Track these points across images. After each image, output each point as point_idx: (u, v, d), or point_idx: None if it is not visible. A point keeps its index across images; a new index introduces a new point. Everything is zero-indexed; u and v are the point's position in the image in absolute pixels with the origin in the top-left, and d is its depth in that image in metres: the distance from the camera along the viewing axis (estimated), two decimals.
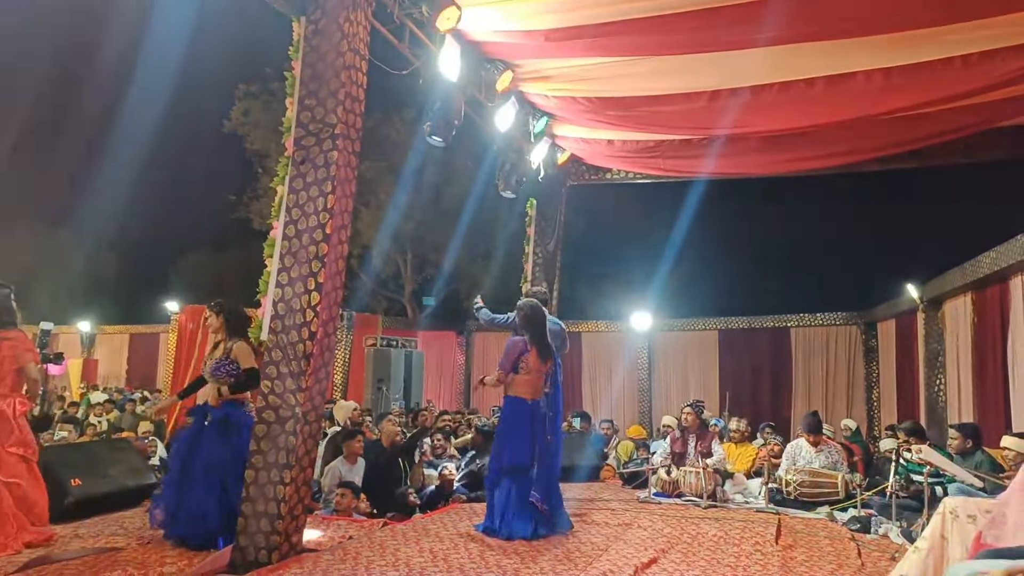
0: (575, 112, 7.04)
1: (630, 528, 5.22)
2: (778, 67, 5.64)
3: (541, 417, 5.06)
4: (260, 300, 4.45)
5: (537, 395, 5.07)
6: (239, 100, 17.64)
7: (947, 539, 3.13)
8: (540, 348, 5.10)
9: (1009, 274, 8.10)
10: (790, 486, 6.44)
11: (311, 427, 4.29)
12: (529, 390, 5.04)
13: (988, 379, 8.61)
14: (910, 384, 11.03)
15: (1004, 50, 4.87)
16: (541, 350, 5.10)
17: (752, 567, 4.17)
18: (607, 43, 5.43)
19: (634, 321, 13.97)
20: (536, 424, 5.01)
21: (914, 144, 7.11)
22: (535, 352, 5.07)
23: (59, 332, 16.45)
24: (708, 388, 13.61)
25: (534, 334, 5.12)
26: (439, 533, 4.88)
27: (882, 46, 5.09)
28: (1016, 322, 7.94)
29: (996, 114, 6.15)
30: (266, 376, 4.24)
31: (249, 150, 17.71)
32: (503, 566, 4.06)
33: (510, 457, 4.95)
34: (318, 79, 4.43)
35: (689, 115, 6.55)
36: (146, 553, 4.30)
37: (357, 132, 4.56)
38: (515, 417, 5.02)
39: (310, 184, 4.36)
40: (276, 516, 4.05)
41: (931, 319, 10.17)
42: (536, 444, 4.97)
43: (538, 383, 5.10)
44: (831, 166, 8.06)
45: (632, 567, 4.01)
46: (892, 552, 4.55)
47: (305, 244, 4.31)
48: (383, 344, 12.90)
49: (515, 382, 5.05)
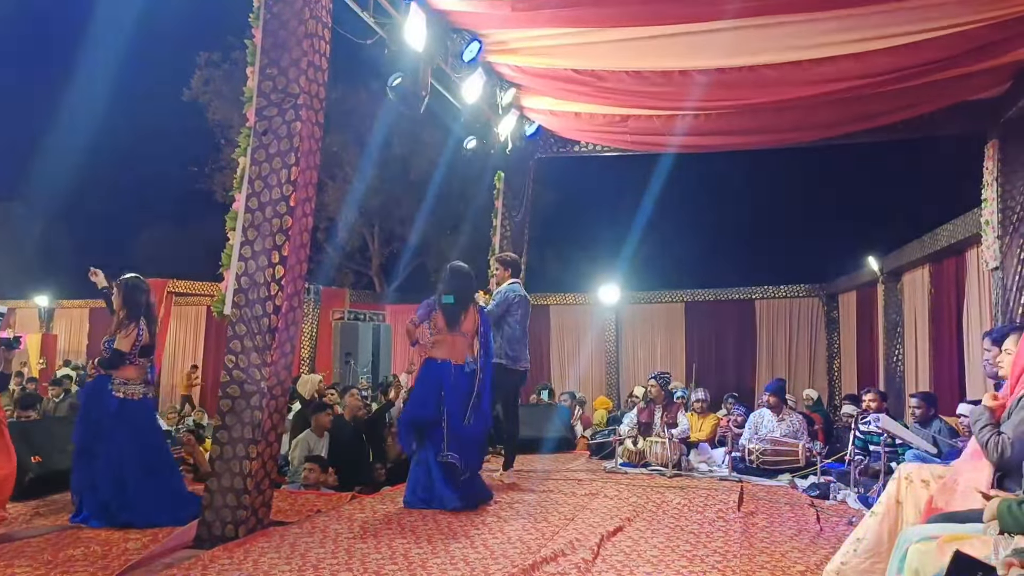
0: (542, 84, 7.00)
1: (596, 497, 5.30)
2: (745, 47, 5.66)
3: (453, 376, 4.91)
4: (223, 274, 4.37)
5: (453, 357, 4.96)
6: (200, 69, 17.17)
7: (902, 504, 3.22)
8: (445, 311, 5.00)
9: (965, 247, 8.31)
10: (753, 455, 6.59)
11: (277, 401, 4.26)
12: (442, 351, 4.98)
13: (944, 348, 8.86)
14: (870, 354, 11.31)
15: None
16: (446, 313, 4.99)
17: (715, 533, 4.26)
18: (573, 13, 5.38)
19: (602, 294, 14.06)
20: (445, 381, 4.89)
21: (875, 120, 7.22)
22: (440, 314, 5.01)
23: (16, 307, 16.04)
24: (675, 360, 13.80)
25: (440, 295, 5.05)
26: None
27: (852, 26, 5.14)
28: (971, 293, 8.16)
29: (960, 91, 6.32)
30: (230, 351, 4.19)
31: (211, 120, 17.30)
32: (471, 536, 4.10)
33: (410, 410, 5.01)
34: (280, 47, 4.32)
35: (655, 91, 6.56)
36: (109, 530, 4.27)
37: (321, 102, 4.47)
38: (424, 377, 4.99)
39: (273, 155, 4.28)
40: (243, 491, 4.03)
41: (891, 291, 10.40)
42: (444, 402, 4.85)
43: (455, 345, 4.99)
44: (794, 141, 8.20)
45: (598, 535, 4.07)
46: (849, 517, 4.68)
47: (268, 217, 4.24)
48: (351, 318, 12.82)
49: (432, 345, 5.03)
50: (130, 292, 4.82)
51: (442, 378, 4.91)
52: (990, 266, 6.91)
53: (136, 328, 4.72)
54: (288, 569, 3.45)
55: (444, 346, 4.99)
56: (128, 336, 4.68)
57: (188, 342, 15.31)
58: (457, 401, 4.89)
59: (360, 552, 3.74)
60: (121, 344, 4.66)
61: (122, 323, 4.74)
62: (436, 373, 4.94)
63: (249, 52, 4.48)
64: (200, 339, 15.18)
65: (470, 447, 4.96)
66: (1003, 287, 6.66)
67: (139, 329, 4.73)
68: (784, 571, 3.56)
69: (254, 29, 4.44)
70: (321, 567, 3.48)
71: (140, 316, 4.78)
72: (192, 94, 17.23)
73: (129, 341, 4.67)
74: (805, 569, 3.58)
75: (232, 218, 4.38)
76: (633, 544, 4.00)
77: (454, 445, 4.81)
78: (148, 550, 3.79)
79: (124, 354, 4.65)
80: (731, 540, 4.12)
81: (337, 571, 3.43)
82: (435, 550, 3.81)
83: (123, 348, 4.65)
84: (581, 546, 3.86)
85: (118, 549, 3.86)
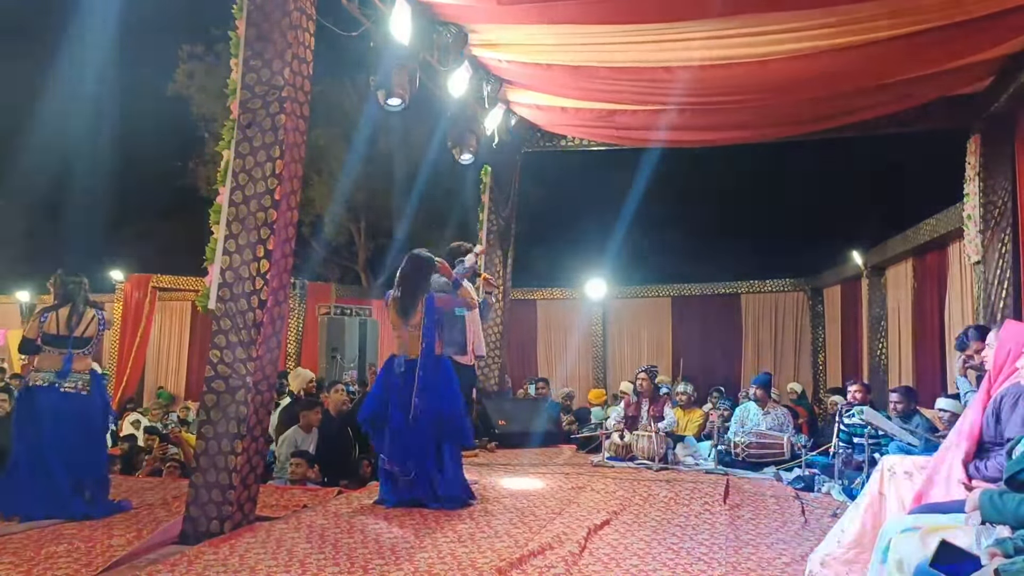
0: (528, 79, 6.99)
1: (583, 491, 5.31)
2: (730, 44, 5.67)
3: (398, 373, 4.70)
4: (207, 268, 4.35)
5: (406, 351, 4.76)
6: (183, 62, 17.02)
7: (885, 495, 3.25)
8: (399, 301, 4.83)
9: (947, 241, 8.38)
10: (738, 448, 6.63)
11: (263, 396, 4.23)
12: (396, 345, 4.89)
13: (926, 343, 8.94)
14: (854, 348, 11.39)
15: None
16: (399, 303, 4.82)
17: (701, 526, 4.29)
18: (558, 8, 5.37)
19: (589, 288, 14.07)
20: (391, 380, 4.73)
21: (859, 115, 7.27)
22: (392, 304, 4.86)
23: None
24: (662, 354, 13.83)
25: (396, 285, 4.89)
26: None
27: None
28: (953, 287, 8.23)
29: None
30: (215, 345, 4.16)
31: (195, 114, 17.15)
32: (458, 530, 4.10)
33: (361, 409, 4.96)
34: (263, 39, 4.29)
35: (641, 87, 6.56)
36: (92, 526, 4.24)
37: (305, 95, 4.45)
38: (379, 372, 4.94)
39: (257, 148, 4.24)
40: (228, 486, 4.01)
41: (875, 285, 10.47)
42: (389, 402, 4.69)
43: (405, 338, 4.78)
44: (779, 137, 8.28)
45: (585, 528, 4.09)
46: (834, 509, 4.72)
47: (253, 211, 4.21)
48: (337, 312, 12.75)
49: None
50: (60, 285, 4.87)
51: (387, 376, 4.80)
52: (972, 260, 6.98)
53: (41, 317, 4.75)
54: (274, 564, 3.43)
55: (397, 341, 4.91)
56: (33, 328, 4.74)
57: (173, 337, 15.18)
58: (399, 399, 4.66)
59: (347, 546, 3.73)
60: (29, 333, 4.75)
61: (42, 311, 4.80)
62: (383, 371, 4.89)
63: (232, 44, 4.45)
64: (185, 334, 15.05)
65: (412, 450, 4.65)
66: (985, 281, 6.73)
67: (42, 318, 4.73)
68: (769, 563, 3.59)
69: (237, 21, 4.41)
70: (307, 562, 3.47)
71: (58, 306, 4.79)
72: (175, 88, 17.07)
73: (33, 328, 4.74)
74: (790, 560, 3.61)
75: (216, 212, 4.35)
76: (620, 537, 4.01)
77: (396, 448, 4.64)
78: (132, 546, 3.76)
79: (29, 340, 4.71)
80: (717, 532, 4.14)
81: (324, 566, 3.42)
82: (422, 544, 3.80)
83: (32, 336, 4.72)
84: (568, 539, 3.86)
85: (102, 545, 3.83)
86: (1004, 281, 6.46)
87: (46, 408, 4.59)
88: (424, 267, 4.93)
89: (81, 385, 4.71)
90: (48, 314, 4.73)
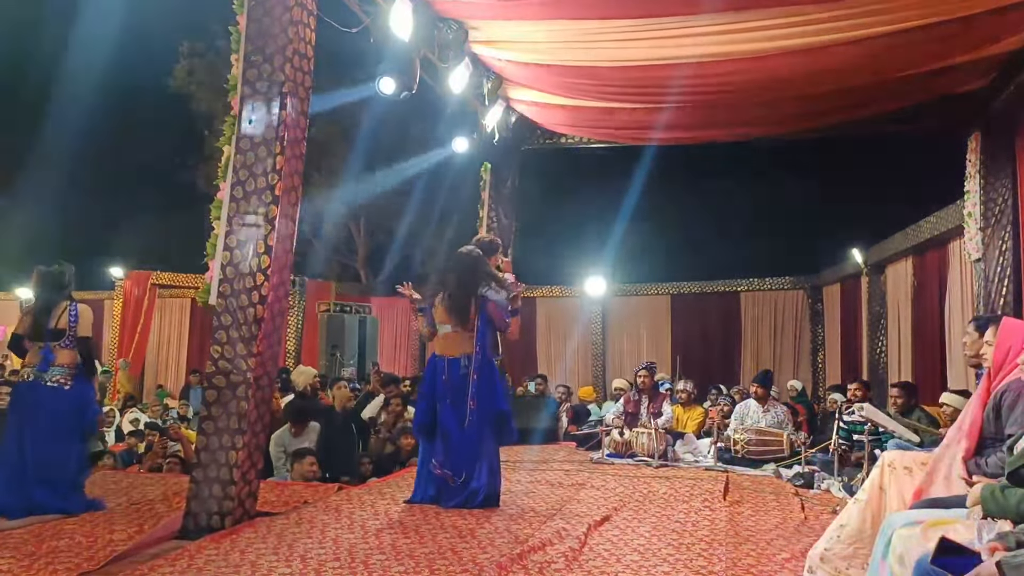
0: (528, 77, 6.98)
1: (583, 488, 5.32)
2: (730, 40, 5.66)
3: (444, 373, 4.65)
4: (208, 264, 4.35)
5: (448, 351, 4.70)
6: (183, 58, 16.99)
7: (885, 490, 3.26)
8: (450, 300, 4.72)
9: (948, 239, 8.38)
10: (738, 444, 6.63)
11: (263, 392, 4.24)
12: (438, 345, 4.78)
13: (926, 340, 8.95)
14: (854, 346, 11.40)
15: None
16: (446, 303, 4.73)
17: (701, 522, 4.29)
18: (559, 4, 5.36)
19: (588, 286, 14.08)
20: (437, 380, 4.67)
21: (858, 113, 7.26)
22: (442, 304, 4.76)
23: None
24: (660, 352, 13.83)
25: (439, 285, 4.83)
26: (394, 496, 4.89)
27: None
28: (953, 285, 8.24)
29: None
30: (216, 341, 4.17)
31: (195, 111, 17.13)
32: (458, 527, 4.10)
33: (415, 417, 4.92)
34: (264, 35, 4.28)
35: (641, 85, 6.56)
36: (93, 521, 4.23)
37: (307, 91, 4.45)
38: (425, 375, 4.88)
39: (258, 144, 4.25)
40: (229, 481, 4.02)
41: (874, 283, 10.48)
42: (438, 403, 4.63)
43: (451, 339, 4.71)
44: (778, 134, 8.27)
45: (585, 525, 4.09)
46: (833, 506, 4.73)
47: (254, 206, 4.21)
48: (337, 310, 12.76)
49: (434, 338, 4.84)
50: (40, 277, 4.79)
51: (433, 377, 4.73)
52: (972, 258, 6.98)
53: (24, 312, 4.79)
54: (275, 559, 3.44)
55: (439, 341, 4.79)
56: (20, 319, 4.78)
57: (173, 334, 15.19)
58: (452, 403, 4.61)
59: (348, 543, 3.73)
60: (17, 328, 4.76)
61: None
62: (428, 373, 4.83)
63: (233, 40, 4.44)
64: (185, 331, 15.06)
65: (462, 454, 4.59)
66: (985, 278, 6.73)
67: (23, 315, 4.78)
68: (769, 558, 3.59)
69: (238, 16, 4.40)
70: (308, 557, 3.47)
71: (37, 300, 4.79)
72: (176, 85, 17.05)
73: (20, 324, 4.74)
74: (790, 556, 3.62)
75: (217, 207, 4.35)
76: (620, 533, 4.02)
77: (451, 455, 4.58)
78: (133, 541, 3.76)
79: (16, 336, 4.69)
80: (717, 529, 4.15)
81: (324, 561, 3.42)
82: (423, 540, 3.80)
83: (19, 331, 4.70)
84: (569, 536, 3.87)
85: (103, 540, 3.83)
86: (1004, 278, 6.46)
87: (29, 403, 4.55)
88: (475, 265, 4.82)
89: (63, 379, 4.56)
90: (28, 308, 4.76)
